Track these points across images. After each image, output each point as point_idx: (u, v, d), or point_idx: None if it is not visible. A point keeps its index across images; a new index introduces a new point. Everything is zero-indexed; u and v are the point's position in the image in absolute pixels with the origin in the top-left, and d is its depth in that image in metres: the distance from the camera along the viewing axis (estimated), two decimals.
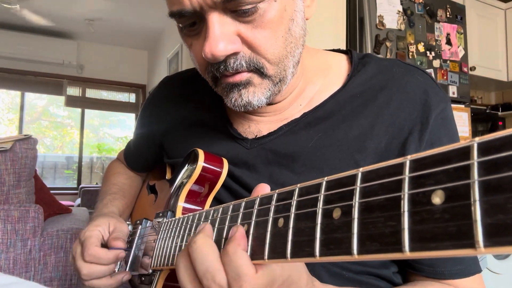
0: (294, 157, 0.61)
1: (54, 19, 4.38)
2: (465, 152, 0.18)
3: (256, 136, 0.66)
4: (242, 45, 0.53)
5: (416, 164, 0.20)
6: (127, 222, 0.80)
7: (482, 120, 3.09)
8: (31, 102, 5.62)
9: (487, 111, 3.08)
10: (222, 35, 0.50)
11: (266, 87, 0.56)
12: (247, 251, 0.36)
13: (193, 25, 0.54)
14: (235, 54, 0.53)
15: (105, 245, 0.68)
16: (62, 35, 5.04)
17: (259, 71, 0.55)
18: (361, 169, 0.24)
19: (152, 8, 4.16)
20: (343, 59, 0.68)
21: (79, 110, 5.60)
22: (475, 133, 3.04)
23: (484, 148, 0.17)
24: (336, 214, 0.25)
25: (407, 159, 0.21)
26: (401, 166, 0.21)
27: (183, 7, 0.51)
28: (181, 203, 0.65)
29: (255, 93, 0.56)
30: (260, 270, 0.36)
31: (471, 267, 0.56)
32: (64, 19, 4.55)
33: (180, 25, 0.56)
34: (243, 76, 0.55)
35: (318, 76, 0.66)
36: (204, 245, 0.39)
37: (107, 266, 0.64)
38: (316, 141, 0.61)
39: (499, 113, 3.07)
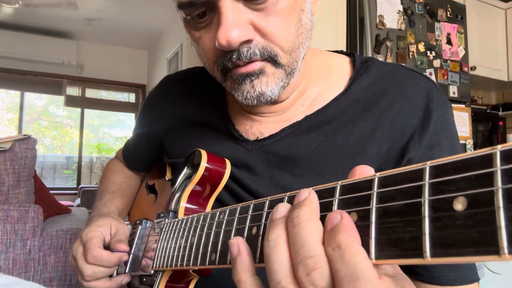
0: (295, 160, 0.61)
1: (54, 19, 4.38)
2: (487, 160, 0.18)
3: (257, 138, 0.65)
4: (255, 33, 0.52)
5: (436, 170, 0.20)
6: (126, 222, 0.80)
7: (483, 120, 3.09)
8: (30, 102, 5.61)
9: (488, 111, 3.09)
10: (236, 22, 0.49)
11: (279, 77, 0.55)
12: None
13: (202, 16, 0.53)
14: (249, 42, 0.52)
15: (106, 246, 0.68)
16: (61, 35, 5.03)
17: (273, 60, 0.54)
18: (377, 174, 0.24)
19: (152, 8, 4.15)
20: (345, 62, 0.68)
21: (78, 110, 5.59)
22: (475, 133, 3.04)
23: (507, 156, 0.17)
24: (352, 218, 0.25)
25: (427, 165, 0.21)
26: (420, 172, 0.21)
27: None
28: (183, 204, 0.64)
29: (268, 83, 0.55)
30: (386, 277, 0.28)
31: (468, 274, 0.55)
32: (64, 19, 4.54)
33: (188, 17, 0.54)
34: (256, 65, 0.53)
35: (320, 77, 0.66)
36: (310, 223, 0.29)
37: (110, 268, 0.64)
38: (317, 145, 0.60)
39: (500, 113, 3.08)
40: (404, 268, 0.59)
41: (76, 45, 5.11)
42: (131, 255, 0.68)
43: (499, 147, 0.18)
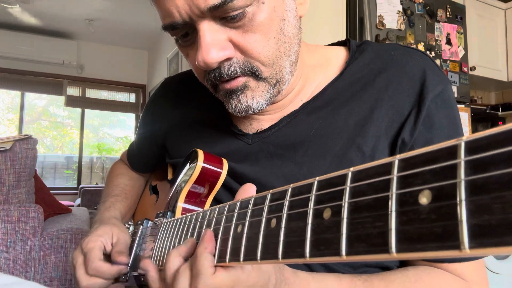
0: (296, 147, 0.61)
1: (54, 19, 4.39)
2: (452, 151, 0.18)
3: (257, 130, 0.66)
4: (235, 50, 0.53)
5: (405, 164, 0.20)
6: (129, 222, 0.80)
7: (482, 120, 3.08)
8: (31, 102, 5.62)
9: (487, 111, 3.07)
10: (213, 43, 0.51)
11: (264, 90, 0.57)
12: (214, 254, 0.41)
13: (186, 35, 0.55)
14: (229, 60, 0.53)
15: (107, 255, 0.68)
16: (62, 35, 5.04)
17: (254, 74, 0.55)
18: (351, 169, 0.24)
19: (152, 8, 4.13)
20: (341, 50, 0.68)
21: (79, 110, 5.60)
22: (475, 133, 3.03)
23: (472, 147, 0.17)
24: (327, 214, 0.25)
25: (396, 159, 0.21)
26: (389, 165, 0.21)
27: (174, 20, 0.52)
28: (181, 204, 0.65)
29: (254, 97, 0.56)
30: (221, 272, 0.39)
31: None
32: (64, 19, 4.55)
33: (174, 37, 0.57)
34: (239, 81, 0.55)
35: (318, 72, 0.66)
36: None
37: (106, 280, 0.64)
38: (316, 129, 0.61)
39: (499, 113, 3.06)
40: None
41: (76, 45, 5.12)
42: (133, 254, 0.68)
43: (464, 138, 0.18)
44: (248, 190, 0.45)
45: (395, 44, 0.65)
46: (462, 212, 0.16)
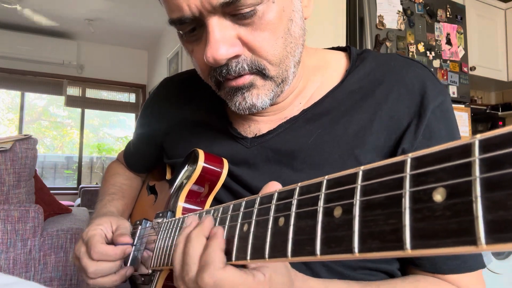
0: (294, 154, 0.61)
1: (54, 19, 4.39)
2: (466, 150, 0.18)
3: (256, 134, 0.66)
4: (243, 48, 0.53)
5: (417, 162, 0.20)
6: None
7: (482, 120, 3.09)
8: (31, 102, 5.62)
9: (487, 111, 3.08)
10: (223, 39, 0.51)
11: (269, 88, 0.57)
12: (223, 250, 0.40)
13: (193, 30, 0.55)
14: (237, 57, 0.53)
15: (109, 243, 0.68)
16: (62, 35, 5.04)
17: (261, 73, 0.55)
18: (362, 168, 0.24)
19: (152, 8, 4.16)
20: (341, 56, 0.68)
21: (79, 110, 5.60)
22: (475, 133, 3.02)
23: (486, 145, 0.17)
24: (337, 212, 0.25)
25: (408, 157, 0.21)
26: (402, 164, 0.21)
27: (183, 14, 0.51)
28: (181, 203, 0.65)
29: (259, 95, 0.56)
30: (231, 268, 0.39)
31: (471, 262, 0.56)
32: (64, 19, 4.55)
33: (180, 31, 0.56)
34: (246, 79, 0.55)
35: (317, 74, 0.66)
36: (196, 239, 0.43)
37: (113, 263, 0.64)
38: (315, 138, 0.61)
39: (499, 113, 3.07)
40: (408, 262, 0.59)
41: (76, 45, 5.12)
42: (131, 254, 0.68)
43: (478, 136, 0.18)
44: (273, 188, 0.44)
45: (395, 54, 0.66)
46: (478, 208, 0.16)
